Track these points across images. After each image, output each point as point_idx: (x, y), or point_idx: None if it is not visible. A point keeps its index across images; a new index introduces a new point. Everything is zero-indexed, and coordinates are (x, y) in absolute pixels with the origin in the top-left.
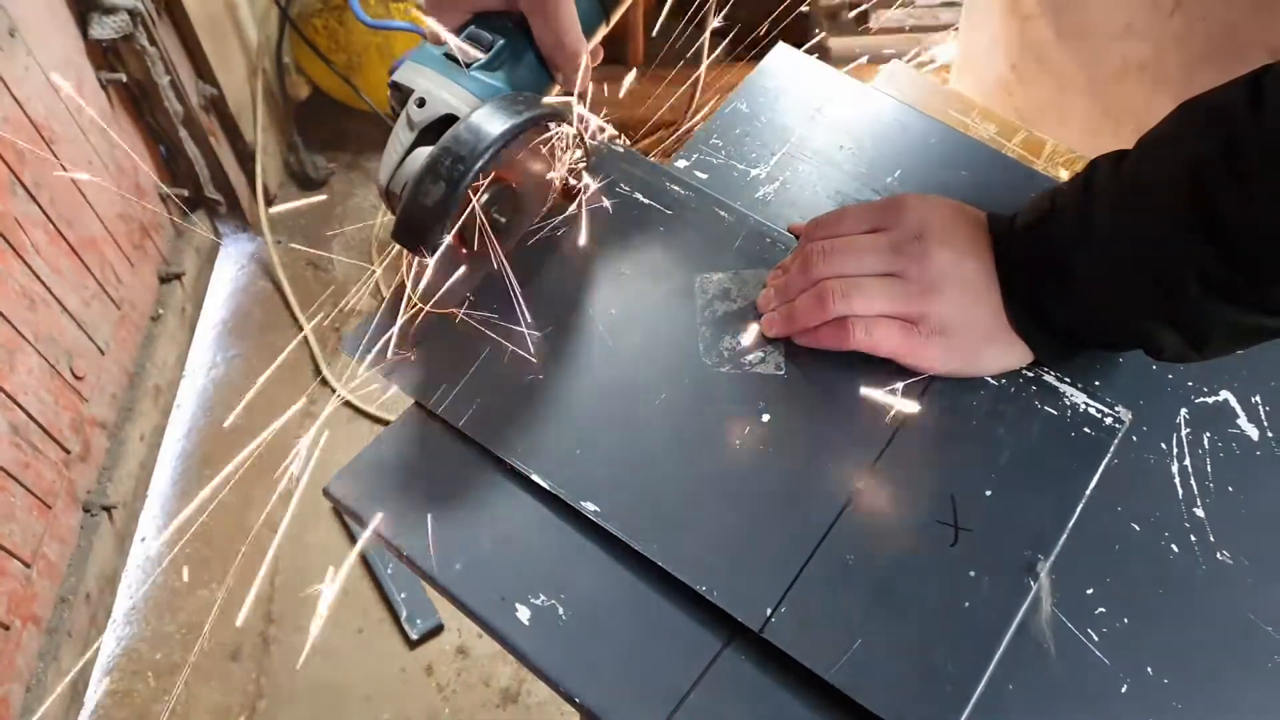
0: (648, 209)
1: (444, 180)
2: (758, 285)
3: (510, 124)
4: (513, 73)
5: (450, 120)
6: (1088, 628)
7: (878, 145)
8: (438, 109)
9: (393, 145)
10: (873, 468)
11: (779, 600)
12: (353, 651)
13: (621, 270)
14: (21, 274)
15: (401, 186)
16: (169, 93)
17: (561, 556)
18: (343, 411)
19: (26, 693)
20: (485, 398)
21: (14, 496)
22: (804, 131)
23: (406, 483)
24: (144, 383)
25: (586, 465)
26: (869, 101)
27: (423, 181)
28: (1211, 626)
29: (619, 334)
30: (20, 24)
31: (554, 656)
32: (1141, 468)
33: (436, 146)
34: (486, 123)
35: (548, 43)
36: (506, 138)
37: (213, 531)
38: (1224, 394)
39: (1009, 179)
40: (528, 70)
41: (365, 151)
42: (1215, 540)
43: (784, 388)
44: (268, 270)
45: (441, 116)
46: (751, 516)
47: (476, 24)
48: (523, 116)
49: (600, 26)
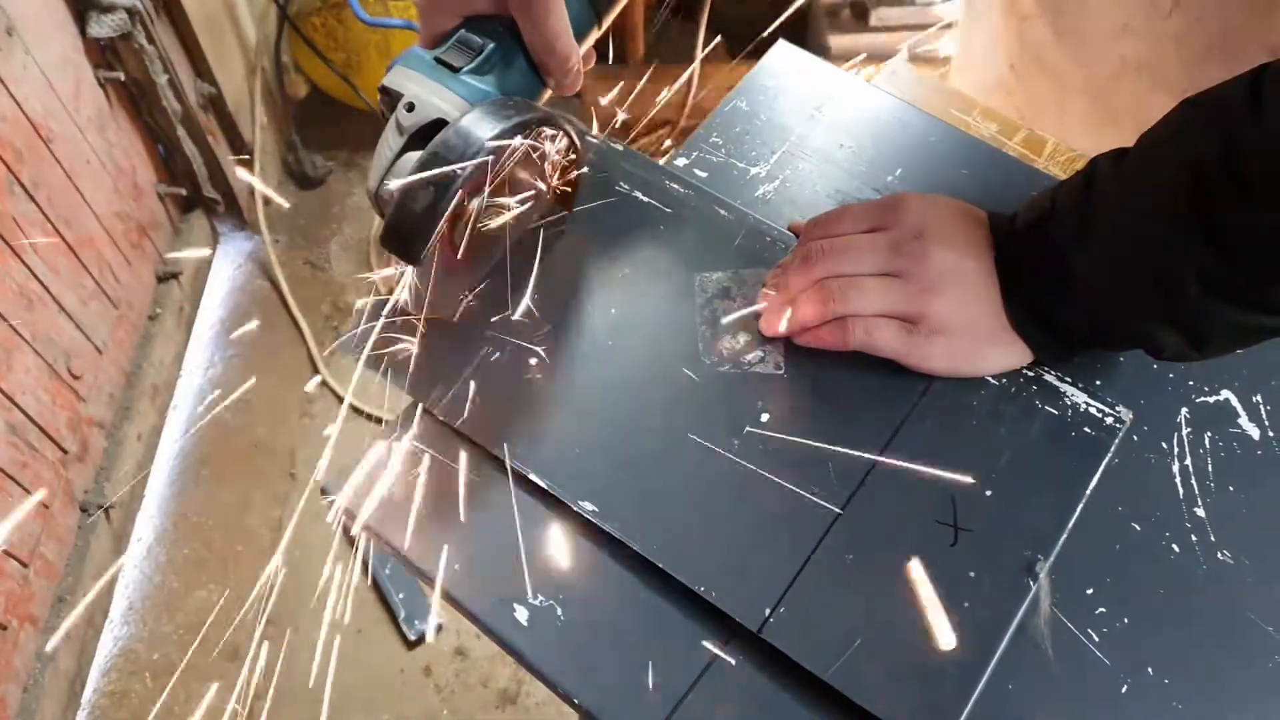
0: (647, 207)
1: (433, 185)
2: (757, 284)
3: (499, 128)
4: (504, 77)
5: (440, 125)
6: (1088, 628)
7: (878, 144)
8: (427, 113)
9: (381, 150)
10: (872, 468)
11: (777, 601)
12: (351, 652)
13: (621, 269)
14: (19, 273)
15: (390, 192)
16: (167, 91)
17: (559, 557)
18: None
19: (24, 693)
20: (483, 397)
21: (11, 496)
22: (804, 130)
23: (404, 484)
24: (141, 382)
25: (585, 465)
26: (869, 100)
27: (411, 187)
28: (1212, 627)
29: (618, 333)
30: (18, 22)
31: (552, 657)
32: (1142, 467)
33: (425, 151)
34: (476, 127)
35: (538, 47)
36: (496, 142)
37: (211, 532)
38: (1225, 393)
39: (1010, 178)
40: (519, 75)
41: (363, 150)
42: (1216, 540)
43: (783, 388)
44: (265, 269)
45: (431, 121)
46: (750, 517)
47: (467, 27)
48: (512, 121)
49: (592, 30)
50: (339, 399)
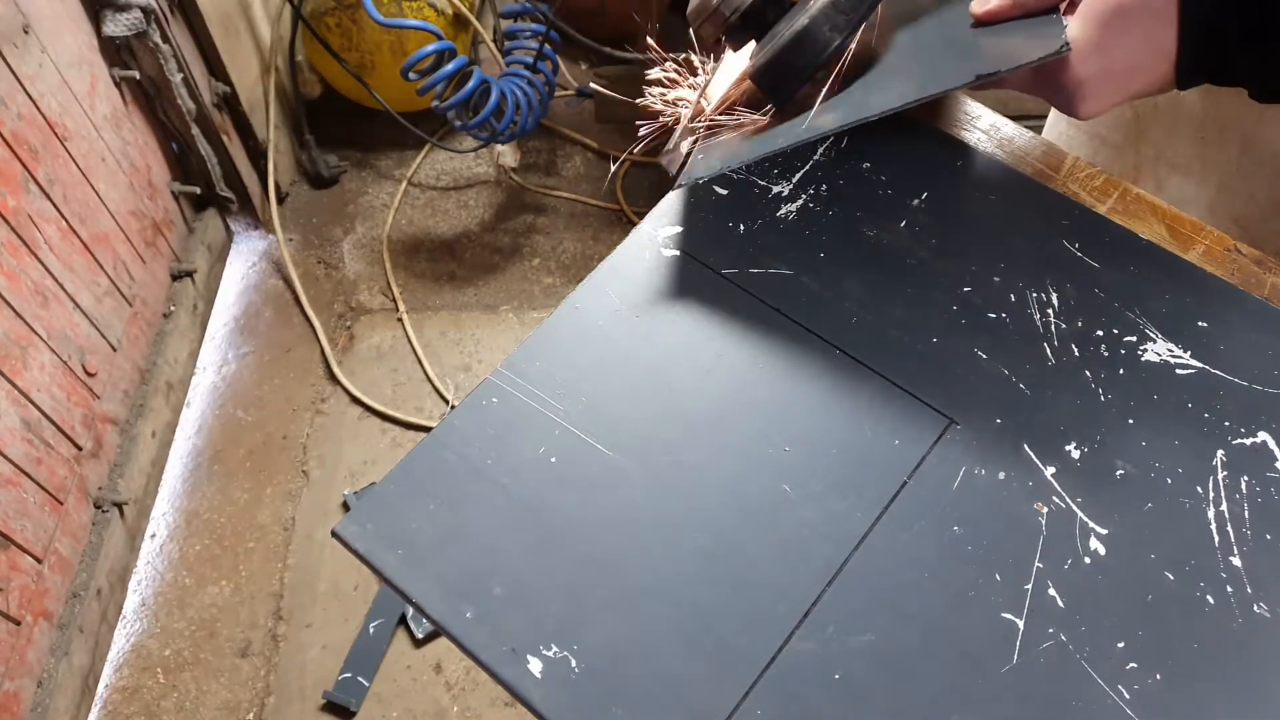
0: None
1: (839, 29)
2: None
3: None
4: None
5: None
6: (1119, 684)
7: (903, 162)
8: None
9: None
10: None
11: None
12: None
13: None
14: (35, 270)
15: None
16: (181, 90)
17: (574, 603)
18: (352, 409)
19: (38, 688)
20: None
21: (26, 492)
22: (827, 149)
23: (415, 526)
24: (155, 379)
25: None
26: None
27: (822, 19)
28: (1249, 685)
29: None
30: (34, 21)
31: (567, 711)
32: (1176, 512)
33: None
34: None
35: None
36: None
37: (223, 528)
38: (1262, 435)
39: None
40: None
41: (376, 150)
42: (1252, 591)
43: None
44: (279, 268)
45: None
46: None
47: None
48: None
49: None
50: (351, 397)
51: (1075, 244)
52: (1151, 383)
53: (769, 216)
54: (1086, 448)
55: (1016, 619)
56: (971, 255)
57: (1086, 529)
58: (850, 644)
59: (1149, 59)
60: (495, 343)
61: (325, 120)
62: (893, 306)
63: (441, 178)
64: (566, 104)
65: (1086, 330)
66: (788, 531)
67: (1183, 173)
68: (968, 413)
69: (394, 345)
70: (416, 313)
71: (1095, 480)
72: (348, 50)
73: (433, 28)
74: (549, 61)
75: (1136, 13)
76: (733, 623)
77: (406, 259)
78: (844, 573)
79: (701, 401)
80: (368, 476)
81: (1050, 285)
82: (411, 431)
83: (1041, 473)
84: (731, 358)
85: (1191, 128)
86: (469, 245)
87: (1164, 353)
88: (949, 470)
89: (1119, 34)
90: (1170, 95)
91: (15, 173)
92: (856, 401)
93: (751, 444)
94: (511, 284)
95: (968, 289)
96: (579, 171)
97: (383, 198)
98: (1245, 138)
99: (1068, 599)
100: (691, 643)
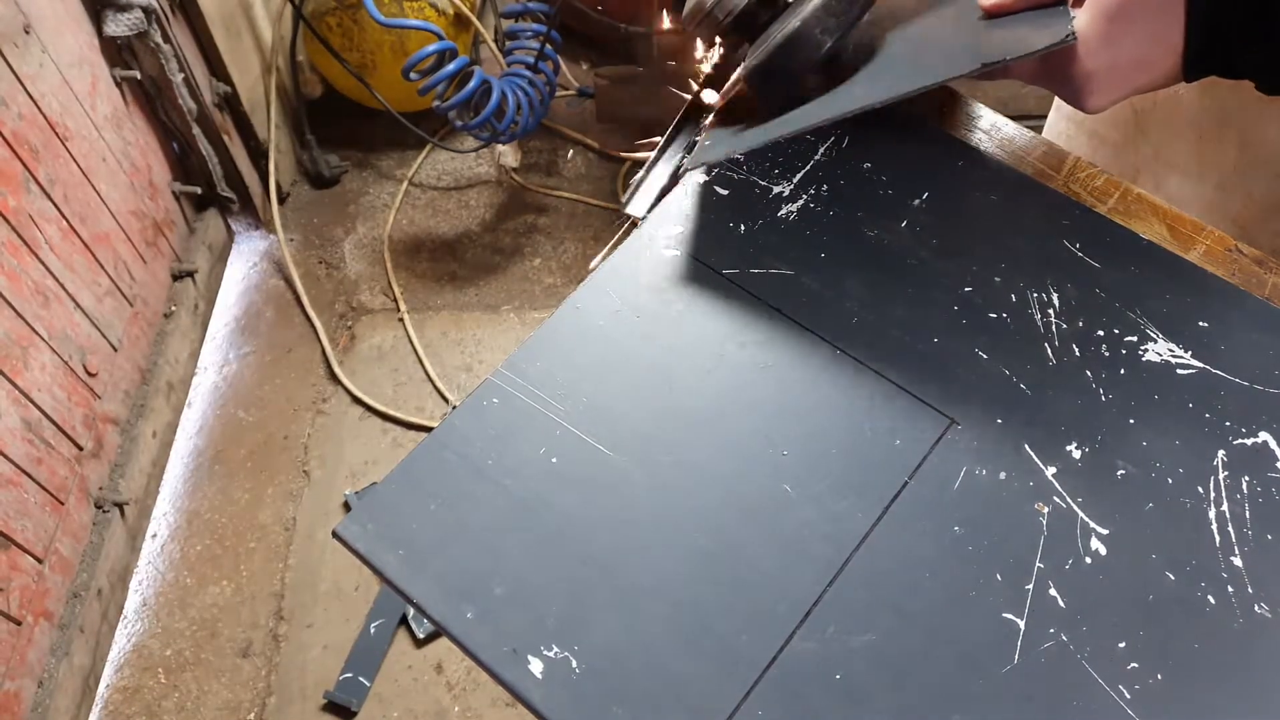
0: None
1: (830, 31)
2: None
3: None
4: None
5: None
6: (1120, 684)
7: (904, 162)
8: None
9: None
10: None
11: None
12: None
13: None
14: (35, 270)
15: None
16: (182, 90)
17: (575, 603)
18: (353, 410)
19: (38, 688)
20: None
21: (27, 492)
22: (828, 149)
23: (415, 526)
24: (156, 379)
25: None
26: (893, 118)
27: (813, 22)
28: (1250, 685)
29: None
30: (35, 21)
31: (568, 711)
32: (1177, 512)
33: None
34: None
35: None
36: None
37: (224, 528)
38: (1263, 435)
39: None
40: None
41: (377, 150)
42: (1254, 591)
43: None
44: (280, 268)
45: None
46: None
47: None
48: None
49: None
50: (352, 397)
51: (1076, 244)
52: (1152, 383)
53: (770, 216)
54: (1087, 448)
55: (1017, 619)
56: (972, 255)
57: (1087, 529)
58: (851, 644)
59: (1156, 53)
60: (496, 343)
61: (326, 120)
62: (893, 306)
63: (442, 178)
64: (567, 104)
65: (1087, 330)
66: (788, 531)
67: (1181, 172)
68: (969, 413)
69: (395, 345)
70: (418, 313)
71: (1096, 480)
72: (349, 50)
73: (434, 28)
74: (550, 61)
75: (1143, 6)
76: (733, 623)
77: (407, 259)
78: (845, 573)
79: (702, 401)
80: (369, 476)
81: (1051, 285)
82: (412, 431)
83: (1042, 473)
84: (732, 358)
85: (1190, 127)
86: (470, 245)
87: (1165, 353)
88: (950, 470)
89: (1126, 27)
90: (1169, 94)
91: (16, 172)
92: (857, 401)
93: (752, 444)
94: (512, 284)
95: (968, 289)
96: (580, 171)
97: (384, 198)
98: (1244, 137)
99: (1069, 599)
100: (692, 643)
